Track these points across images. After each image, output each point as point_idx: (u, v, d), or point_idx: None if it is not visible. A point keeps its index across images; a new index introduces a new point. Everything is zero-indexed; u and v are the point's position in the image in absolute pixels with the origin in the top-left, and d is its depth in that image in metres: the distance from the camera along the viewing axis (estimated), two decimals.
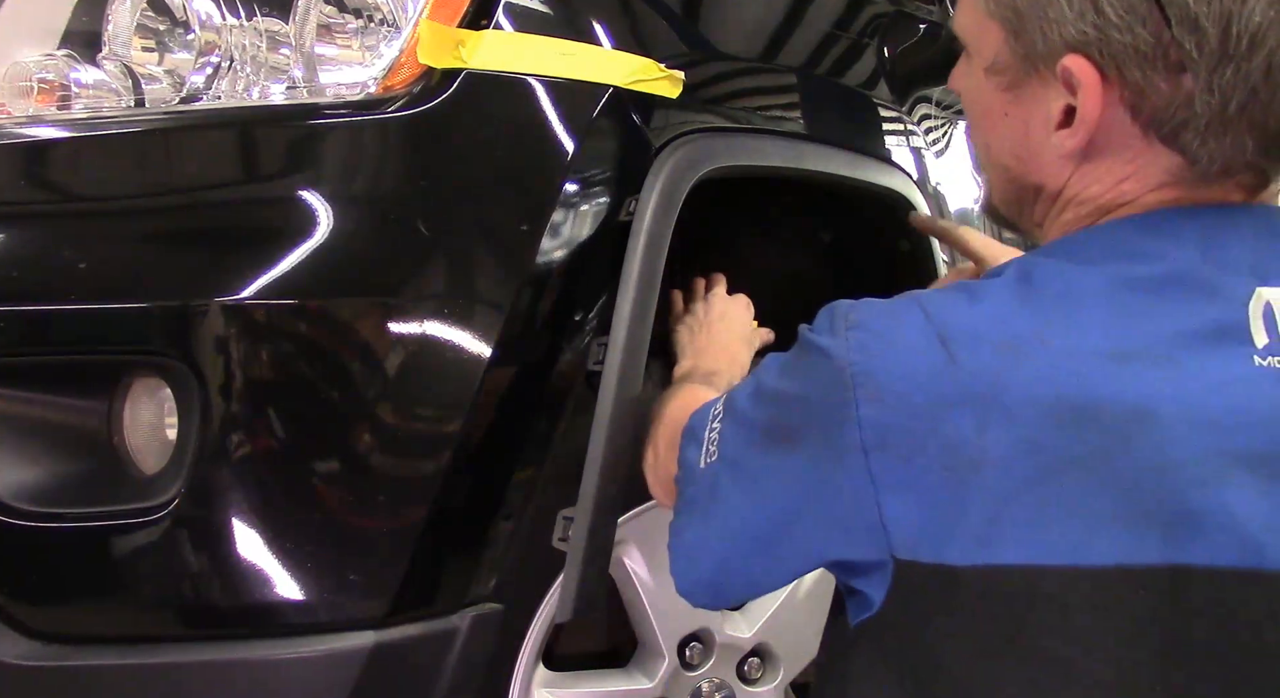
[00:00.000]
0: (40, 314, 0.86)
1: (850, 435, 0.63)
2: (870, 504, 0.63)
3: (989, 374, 0.61)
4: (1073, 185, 0.70)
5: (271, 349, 0.85)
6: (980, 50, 0.72)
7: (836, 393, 0.65)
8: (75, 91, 0.97)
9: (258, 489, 0.86)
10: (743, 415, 0.74)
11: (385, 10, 0.93)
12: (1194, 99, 0.61)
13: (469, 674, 0.96)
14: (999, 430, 0.60)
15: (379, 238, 0.89)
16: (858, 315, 0.67)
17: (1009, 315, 0.63)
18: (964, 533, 0.60)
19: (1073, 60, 0.64)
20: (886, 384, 0.63)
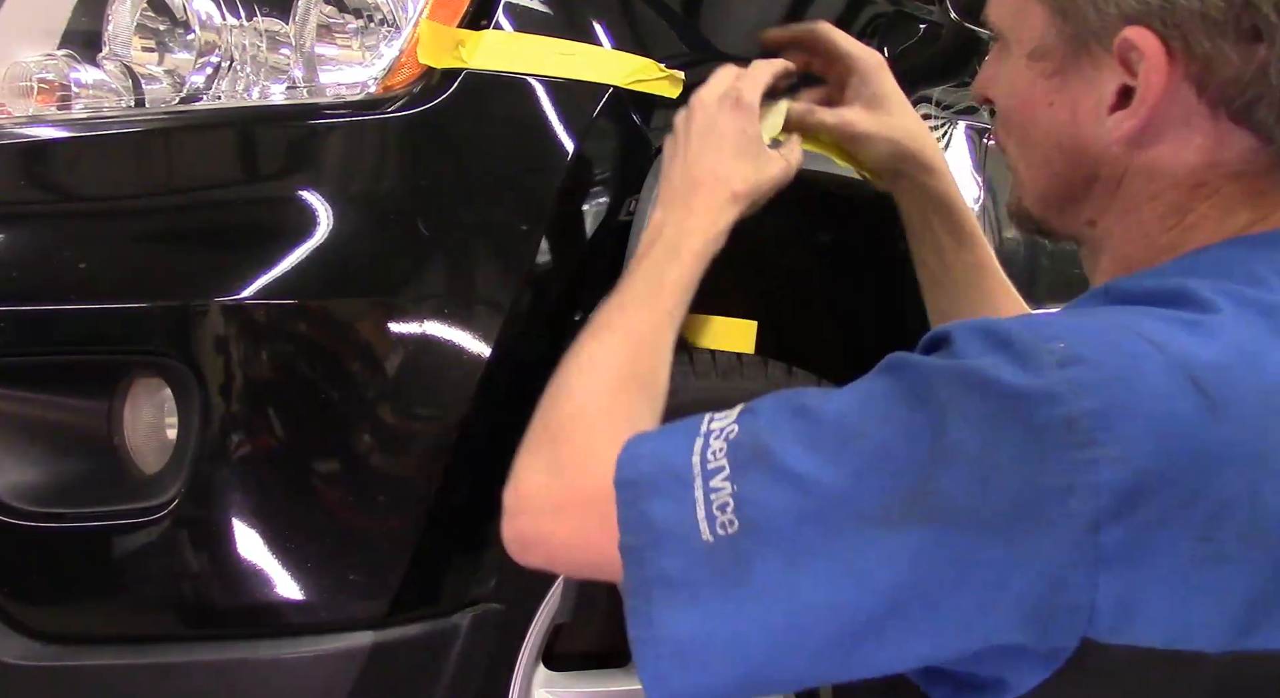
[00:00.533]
0: (40, 314, 0.86)
1: (1078, 508, 0.50)
2: (1082, 585, 0.51)
3: (1257, 427, 0.51)
4: (1135, 177, 0.63)
5: (271, 349, 0.85)
6: (1020, 37, 0.67)
7: (1057, 454, 0.50)
8: (75, 91, 0.97)
9: (258, 489, 0.86)
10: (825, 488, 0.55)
11: (385, 10, 0.93)
12: (1268, 70, 0.56)
13: (469, 674, 0.96)
14: (1275, 497, 0.51)
15: (379, 238, 0.89)
16: (1068, 347, 0.53)
17: (1262, 353, 0.53)
18: (1216, 615, 0.51)
19: (1135, 32, 0.58)
20: (1136, 438, 0.50)
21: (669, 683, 0.58)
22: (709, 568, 0.57)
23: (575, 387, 0.74)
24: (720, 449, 0.59)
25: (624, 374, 0.74)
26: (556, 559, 0.70)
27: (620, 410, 0.71)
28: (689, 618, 0.57)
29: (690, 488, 0.59)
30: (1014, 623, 0.53)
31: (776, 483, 0.56)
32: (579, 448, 0.68)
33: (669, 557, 0.58)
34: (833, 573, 0.55)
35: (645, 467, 0.62)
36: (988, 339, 0.55)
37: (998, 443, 0.51)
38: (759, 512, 0.56)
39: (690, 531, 0.58)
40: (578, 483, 0.66)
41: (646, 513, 0.59)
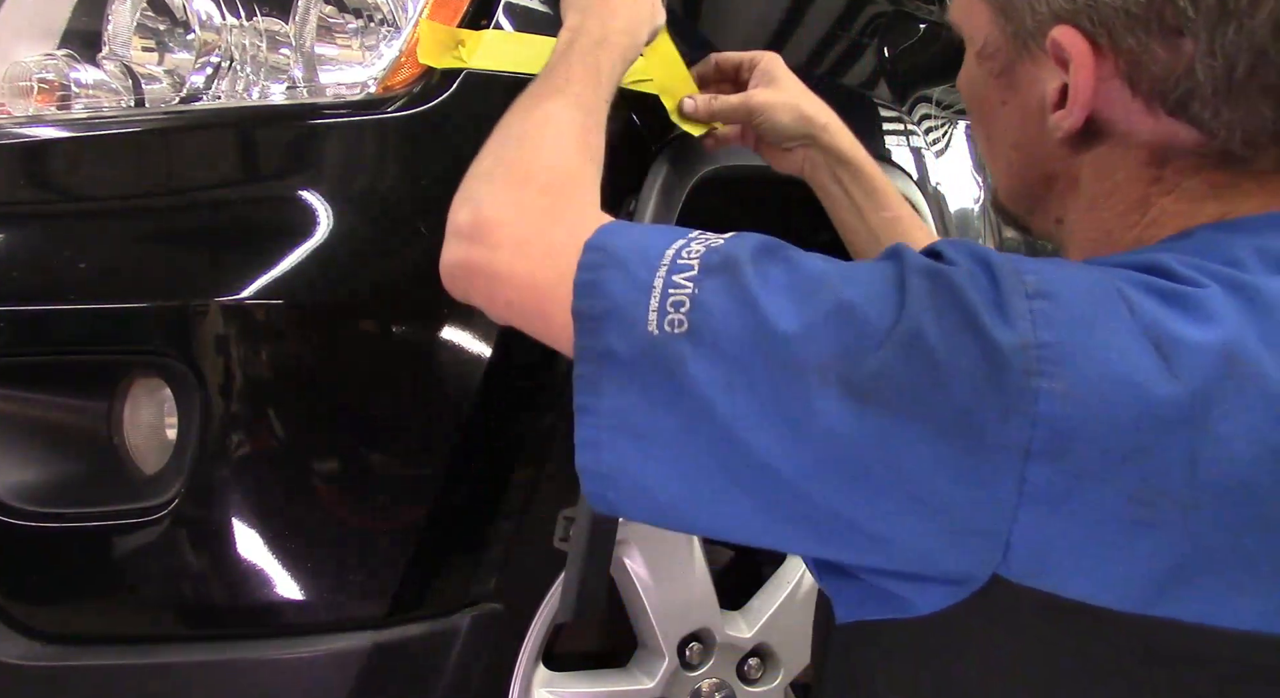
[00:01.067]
0: (40, 314, 0.86)
1: (1015, 432, 0.50)
2: (1003, 514, 0.51)
3: (1210, 397, 0.50)
4: (1089, 175, 0.63)
5: (271, 349, 0.85)
6: (971, 35, 0.68)
7: (1005, 375, 0.50)
8: (75, 91, 0.97)
9: (258, 489, 0.86)
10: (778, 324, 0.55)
11: (385, 10, 0.93)
12: (1195, 65, 0.56)
13: (469, 674, 0.96)
14: (1213, 466, 0.50)
15: (379, 238, 0.89)
16: (1040, 280, 0.53)
17: (1226, 325, 0.52)
18: (1132, 577, 0.51)
19: (1061, 31, 0.59)
20: (1086, 380, 0.50)
21: (600, 453, 0.59)
22: (650, 359, 0.57)
23: (544, 139, 0.74)
24: (697, 252, 0.59)
25: (580, 142, 0.75)
26: (497, 297, 0.68)
27: (588, 177, 0.73)
28: (630, 398, 0.58)
29: (653, 275, 0.58)
30: (929, 531, 0.53)
31: (736, 300, 0.56)
32: (556, 201, 0.69)
33: (616, 336, 0.58)
34: (759, 409, 0.54)
35: (619, 242, 0.62)
36: (972, 258, 0.55)
37: (953, 351, 0.51)
38: (709, 321, 0.56)
39: (639, 315, 0.57)
40: (549, 231, 0.66)
41: (604, 284, 0.59)
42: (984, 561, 0.52)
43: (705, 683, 1.24)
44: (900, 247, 0.58)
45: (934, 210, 1.44)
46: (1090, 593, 0.52)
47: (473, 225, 0.68)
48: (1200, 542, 0.51)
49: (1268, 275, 0.55)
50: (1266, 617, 0.52)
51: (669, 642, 1.19)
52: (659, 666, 1.18)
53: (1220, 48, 0.55)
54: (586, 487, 0.61)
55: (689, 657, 1.22)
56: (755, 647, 1.28)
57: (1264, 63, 0.55)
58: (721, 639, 1.24)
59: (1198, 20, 0.55)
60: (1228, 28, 0.55)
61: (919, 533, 0.53)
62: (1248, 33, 0.54)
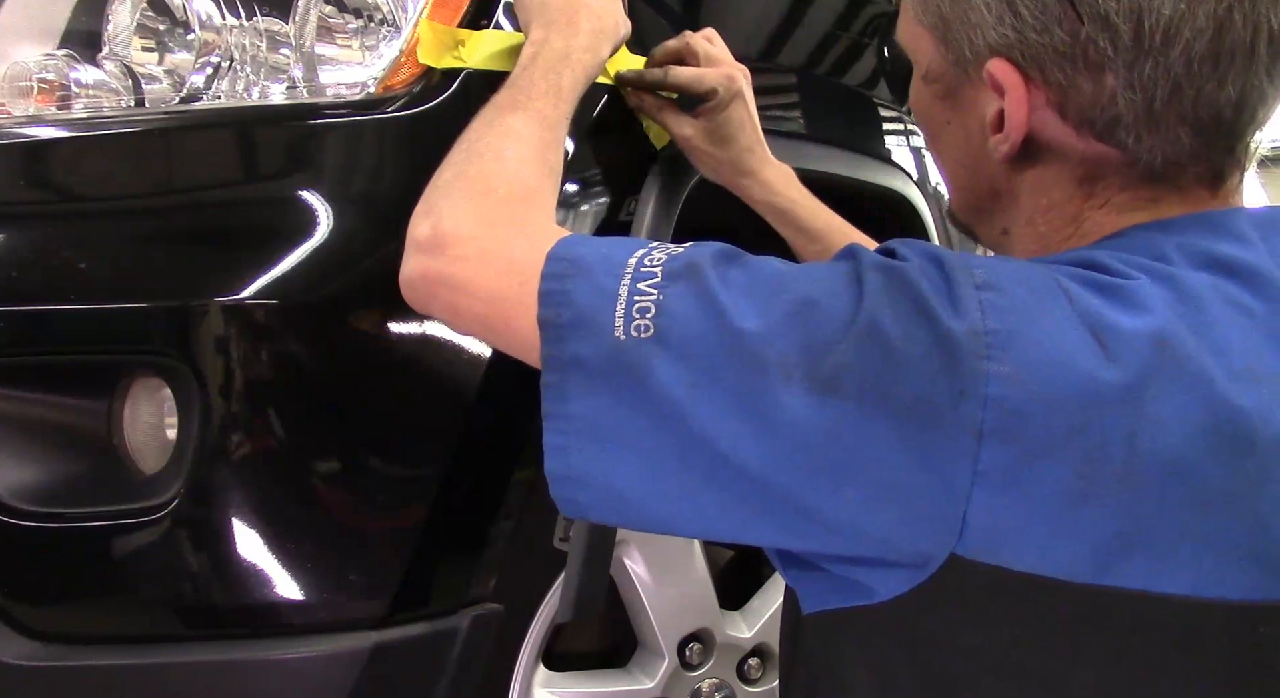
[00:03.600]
0: (40, 314, 0.86)
1: (967, 414, 0.53)
2: (958, 495, 0.54)
3: (1145, 380, 0.54)
4: (1028, 191, 0.67)
5: (271, 349, 0.85)
6: (917, 59, 0.71)
7: (957, 360, 0.54)
8: (75, 91, 0.97)
9: (258, 489, 0.86)
10: (741, 323, 0.57)
11: (385, 10, 0.93)
12: (1118, 97, 0.60)
13: (469, 674, 0.96)
14: (1149, 444, 0.53)
15: (379, 238, 0.89)
16: (988, 273, 0.57)
17: (1156, 313, 0.56)
18: (1081, 548, 0.54)
19: (996, 64, 0.63)
20: (1030, 364, 0.54)
21: (569, 457, 0.62)
22: (617, 363, 0.59)
23: (505, 152, 0.75)
24: (660, 259, 0.62)
25: (540, 157, 0.76)
26: (459, 310, 0.69)
27: (546, 192, 0.75)
28: (598, 402, 0.60)
29: (617, 282, 0.61)
30: (891, 514, 0.55)
31: (700, 304, 0.59)
32: (517, 214, 0.70)
33: (583, 342, 0.61)
34: (725, 406, 0.57)
35: (582, 251, 0.64)
36: (926, 255, 0.59)
37: (908, 339, 0.55)
38: (674, 323, 0.59)
39: (605, 321, 0.60)
40: (511, 243, 0.67)
41: (569, 293, 0.62)
42: (942, 540, 0.55)
43: (705, 683, 1.24)
44: (855, 246, 0.62)
45: (934, 210, 1.44)
46: (1042, 565, 0.55)
47: (433, 237, 0.70)
48: (1138, 514, 0.54)
49: (1190, 269, 0.60)
50: (1198, 584, 0.55)
51: (669, 642, 1.19)
52: (659, 666, 1.18)
53: (1138, 81, 0.59)
54: (555, 491, 0.63)
55: (689, 657, 1.22)
56: (755, 647, 1.28)
57: (1179, 94, 0.59)
58: (721, 639, 1.24)
59: (1117, 58, 0.59)
60: (1145, 64, 0.59)
61: (881, 517, 0.56)
62: (1163, 68, 0.59)
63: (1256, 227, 0.63)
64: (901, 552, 0.56)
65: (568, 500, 0.63)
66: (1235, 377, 0.56)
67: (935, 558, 0.56)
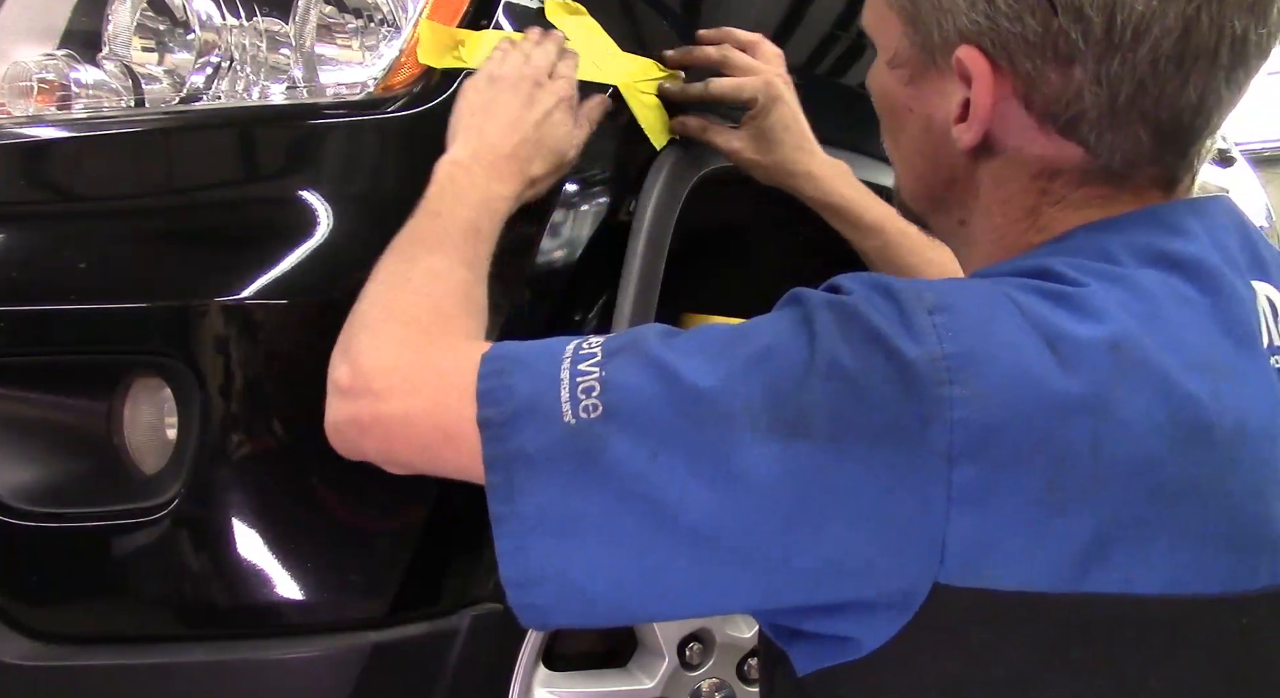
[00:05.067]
0: (40, 314, 0.86)
1: (935, 439, 0.53)
2: (935, 519, 0.54)
3: (1102, 382, 0.54)
4: (986, 184, 0.67)
5: (272, 349, 0.85)
6: (883, 44, 0.70)
7: (919, 387, 0.54)
8: (75, 91, 0.97)
9: (258, 489, 0.86)
10: (693, 380, 0.56)
11: (385, 10, 0.93)
12: (1084, 91, 0.60)
13: (469, 674, 0.96)
14: (1114, 447, 0.54)
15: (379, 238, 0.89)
16: (937, 296, 0.57)
17: (1110, 317, 0.57)
18: (1057, 558, 0.54)
19: (965, 51, 0.62)
20: (992, 381, 0.54)
21: (527, 558, 0.58)
22: (568, 448, 0.57)
23: (425, 284, 0.74)
24: (597, 342, 0.61)
25: (464, 296, 0.75)
26: (394, 445, 0.67)
27: (471, 328, 0.72)
28: (550, 494, 0.58)
29: (558, 366, 0.60)
30: (872, 550, 0.55)
31: (645, 370, 0.58)
32: (442, 335, 0.68)
33: (529, 433, 0.58)
34: (689, 471, 0.55)
35: (519, 348, 0.63)
36: (872, 286, 0.59)
37: (867, 371, 0.55)
38: (623, 396, 0.57)
39: (552, 408, 0.58)
40: (438, 360, 0.65)
41: (510, 387, 0.60)
42: (924, 569, 0.55)
43: (705, 683, 1.24)
44: (798, 291, 0.62)
45: None
46: (1024, 581, 0.55)
47: (353, 378, 0.67)
48: (1109, 517, 0.54)
49: (1139, 267, 0.60)
50: (1175, 580, 0.55)
51: (669, 642, 1.19)
52: (659, 666, 1.18)
53: (1106, 77, 0.59)
54: (514, 599, 0.59)
55: (689, 657, 1.22)
56: (755, 647, 1.28)
57: (1143, 93, 0.60)
58: (721, 639, 1.24)
59: (1087, 51, 0.59)
60: (1113, 60, 0.59)
61: (862, 552, 0.55)
62: (1130, 65, 0.59)
63: (1198, 218, 0.64)
64: (885, 588, 0.56)
65: (528, 607, 0.59)
66: (1191, 369, 0.56)
67: (918, 592, 0.55)
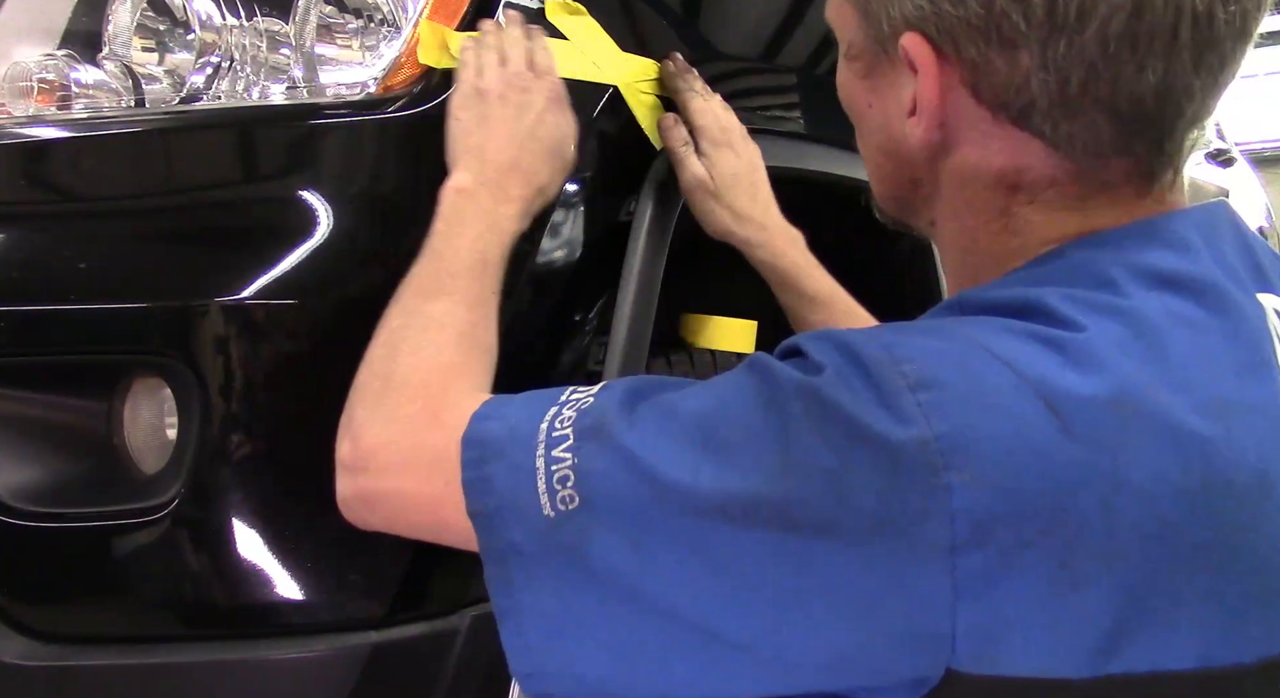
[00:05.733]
0: (40, 314, 0.86)
1: (935, 532, 0.49)
2: (942, 612, 0.50)
3: (1110, 445, 0.50)
4: (949, 183, 0.64)
5: (272, 349, 0.85)
6: (841, 36, 0.68)
7: (912, 477, 0.50)
8: (75, 91, 0.97)
9: (258, 489, 0.86)
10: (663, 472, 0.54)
11: (385, 10, 0.93)
12: (1031, 77, 0.56)
13: (469, 674, 0.96)
14: (1128, 515, 0.50)
15: (379, 238, 0.89)
16: (919, 369, 0.52)
17: (1112, 368, 0.52)
18: (1079, 640, 0.50)
19: (909, 38, 0.59)
20: (991, 462, 0.49)
21: (533, 654, 0.58)
22: (553, 544, 0.56)
23: (421, 343, 0.73)
24: (570, 418, 0.59)
25: (467, 341, 0.74)
26: (399, 520, 0.68)
27: (470, 373, 0.71)
28: (544, 591, 0.57)
29: (533, 456, 0.58)
30: (876, 644, 0.51)
31: (615, 460, 0.56)
32: (430, 402, 0.67)
33: (515, 529, 0.58)
34: (675, 563, 0.53)
35: (494, 429, 0.61)
36: (843, 359, 0.54)
37: (851, 465, 0.51)
38: (597, 486, 0.55)
39: (531, 502, 0.57)
40: (426, 439, 0.65)
41: (490, 479, 0.59)
42: (934, 660, 0.51)
43: None
44: (761, 364, 0.57)
45: None
46: (1043, 668, 0.51)
47: (354, 455, 0.69)
48: (1131, 590, 0.50)
49: (1140, 292, 0.56)
50: (1209, 652, 0.52)
51: None
52: None
53: (1053, 61, 0.56)
54: (527, 689, 0.59)
55: None
56: None
57: (1095, 77, 0.56)
58: None
59: (1030, 34, 0.55)
60: (1059, 42, 0.55)
61: (867, 648, 0.52)
62: (1078, 48, 0.55)
63: (1198, 231, 0.60)
64: (896, 676, 0.52)
65: (542, 696, 0.59)
66: (1202, 412, 0.52)
67: (930, 678, 0.52)
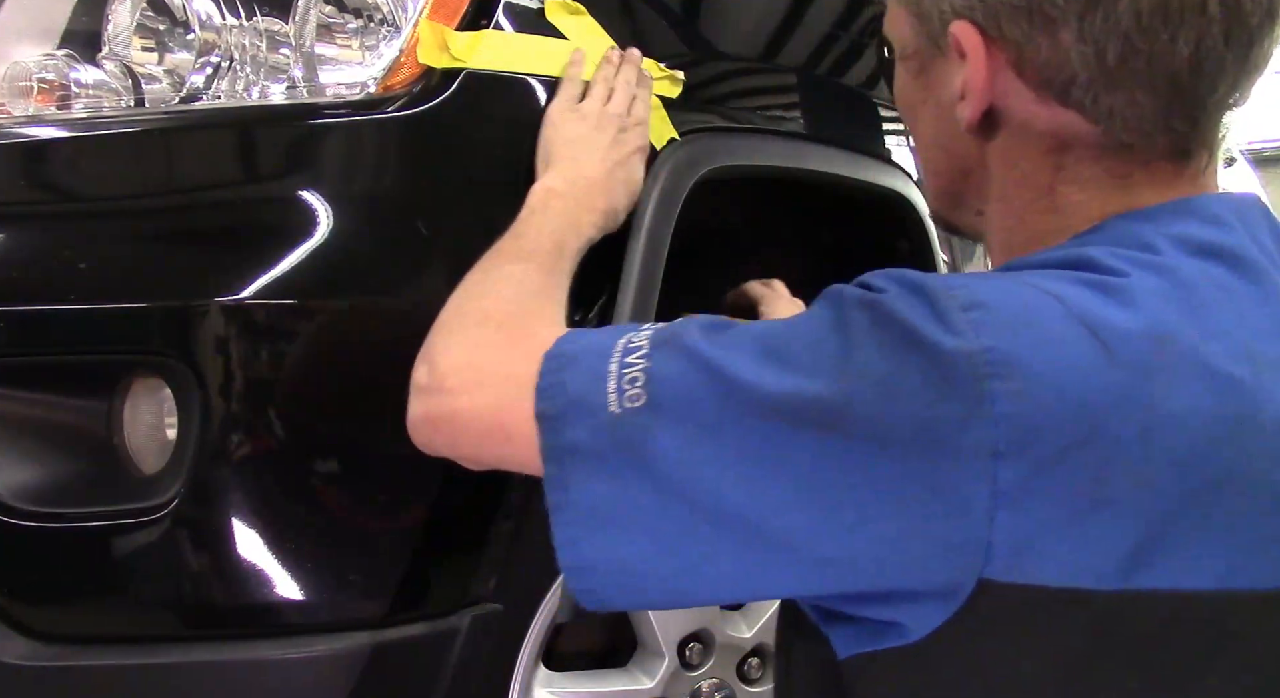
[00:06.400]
0: (40, 314, 0.86)
1: (978, 437, 0.52)
2: (980, 518, 0.53)
3: (1149, 373, 0.53)
4: (997, 165, 0.67)
5: (271, 349, 0.85)
6: (896, 42, 0.72)
7: (958, 385, 0.52)
8: (75, 91, 0.97)
9: (258, 489, 0.86)
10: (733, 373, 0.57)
11: (385, 10, 0.93)
12: (1071, 53, 0.60)
13: (469, 674, 0.96)
14: (1164, 440, 0.53)
15: (379, 238, 0.89)
16: (970, 293, 0.56)
17: (1152, 308, 0.55)
18: (1106, 554, 0.53)
19: (958, 26, 0.63)
20: (1035, 375, 0.52)
21: (580, 548, 0.61)
22: (613, 438, 0.59)
23: (503, 289, 0.77)
24: (646, 333, 0.63)
25: (541, 289, 0.78)
26: (463, 436, 0.70)
27: (547, 310, 0.76)
28: (599, 487, 0.60)
29: (607, 361, 0.61)
30: (915, 547, 0.54)
31: (687, 363, 0.59)
32: (514, 330, 0.71)
33: (579, 426, 0.61)
34: (730, 461, 0.56)
35: (574, 346, 0.65)
36: (902, 283, 0.58)
37: (903, 370, 0.54)
38: (665, 386, 0.58)
39: (599, 401, 0.60)
40: (506, 358, 0.68)
41: (564, 382, 0.62)
42: (969, 565, 0.54)
43: (705, 683, 1.24)
44: (833, 289, 0.61)
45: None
46: (1071, 577, 0.54)
47: (430, 377, 0.72)
48: (1160, 510, 0.53)
49: (1180, 257, 0.59)
50: (1227, 575, 0.54)
51: (669, 642, 1.19)
52: (659, 666, 1.18)
53: (1090, 35, 0.59)
54: (572, 584, 0.62)
55: (689, 657, 1.22)
56: (755, 647, 1.28)
57: (1131, 50, 0.59)
58: (721, 639, 1.24)
59: (1068, 9, 0.59)
60: (1095, 16, 0.58)
61: (904, 550, 0.54)
62: (1114, 20, 0.58)
63: (1233, 211, 0.63)
64: (930, 582, 0.55)
65: (586, 592, 0.62)
66: (1235, 360, 0.55)
67: (964, 585, 0.54)
